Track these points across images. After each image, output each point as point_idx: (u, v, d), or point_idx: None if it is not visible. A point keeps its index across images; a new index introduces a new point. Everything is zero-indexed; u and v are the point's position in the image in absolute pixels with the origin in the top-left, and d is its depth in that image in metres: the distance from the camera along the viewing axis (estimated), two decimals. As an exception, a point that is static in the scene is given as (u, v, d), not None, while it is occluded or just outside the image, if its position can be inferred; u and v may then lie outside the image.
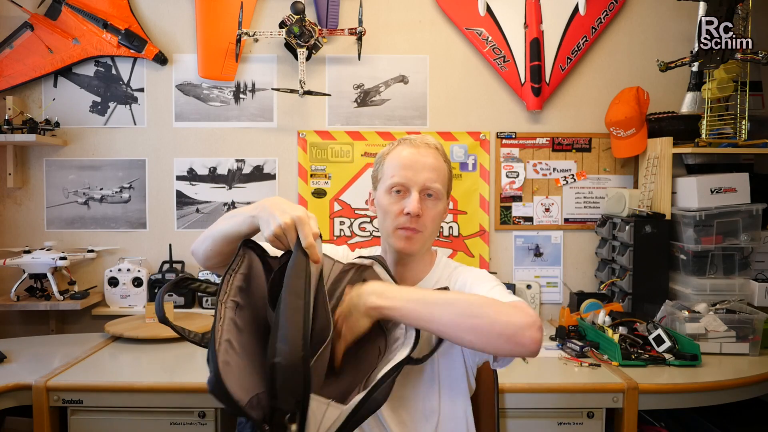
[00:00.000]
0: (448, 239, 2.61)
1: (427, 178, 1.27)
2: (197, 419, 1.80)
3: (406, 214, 1.25)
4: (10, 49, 2.49)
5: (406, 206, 1.25)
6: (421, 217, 1.26)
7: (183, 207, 2.60)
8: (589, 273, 2.65)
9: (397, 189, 1.28)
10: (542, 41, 2.54)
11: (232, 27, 2.46)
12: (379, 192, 1.32)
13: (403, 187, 1.27)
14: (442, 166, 1.31)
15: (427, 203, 1.27)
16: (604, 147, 2.63)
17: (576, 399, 1.80)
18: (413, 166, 1.27)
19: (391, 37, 2.60)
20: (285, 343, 0.89)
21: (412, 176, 1.26)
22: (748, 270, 2.29)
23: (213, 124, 2.59)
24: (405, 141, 1.33)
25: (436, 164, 1.29)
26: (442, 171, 1.30)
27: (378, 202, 1.33)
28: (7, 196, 2.57)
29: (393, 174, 1.28)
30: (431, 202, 1.28)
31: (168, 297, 2.49)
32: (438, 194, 1.28)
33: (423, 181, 1.26)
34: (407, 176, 1.27)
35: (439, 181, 1.28)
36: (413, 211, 1.24)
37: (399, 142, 1.34)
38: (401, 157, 1.29)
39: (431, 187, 1.27)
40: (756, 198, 2.27)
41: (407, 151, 1.29)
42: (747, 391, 1.91)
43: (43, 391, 1.76)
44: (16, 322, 2.55)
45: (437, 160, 1.30)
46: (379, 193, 1.32)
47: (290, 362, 0.88)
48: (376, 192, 1.34)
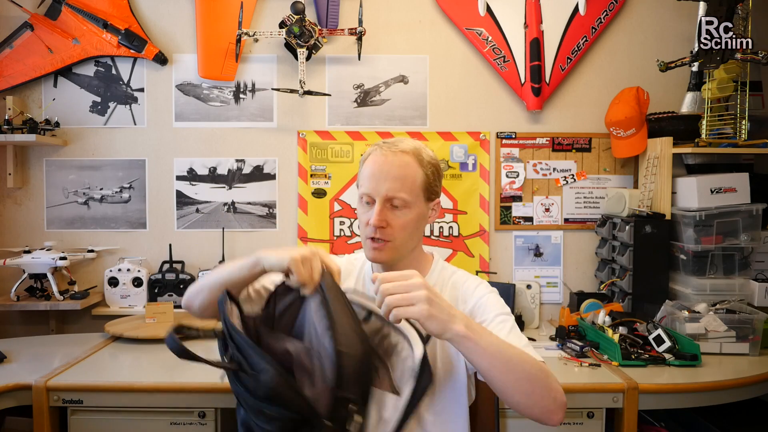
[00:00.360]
0: (448, 239, 2.61)
1: (389, 189, 1.24)
2: (197, 419, 1.80)
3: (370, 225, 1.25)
4: (10, 49, 2.49)
5: (370, 217, 1.25)
6: (387, 227, 1.25)
7: (183, 207, 2.60)
8: (589, 273, 2.65)
9: (366, 199, 1.28)
10: (542, 41, 2.54)
11: (232, 27, 2.46)
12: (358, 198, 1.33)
13: (369, 197, 1.27)
14: (413, 173, 1.26)
15: (394, 213, 1.26)
16: (604, 147, 2.63)
17: (576, 399, 1.80)
18: (378, 175, 1.25)
19: (391, 37, 2.60)
20: (345, 335, 0.92)
21: (375, 186, 1.25)
22: (748, 270, 2.29)
23: (213, 124, 2.59)
24: (377, 147, 1.30)
25: (403, 172, 1.25)
26: (410, 178, 1.26)
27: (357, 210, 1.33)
28: (7, 196, 2.57)
29: (362, 183, 1.29)
30: (399, 211, 1.26)
31: (168, 297, 2.49)
32: (404, 203, 1.26)
33: (385, 191, 1.24)
34: (371, 187, 1.26)
35: (405, 190, 1.25)
36: (374, 223, 1.24)
37: (374, 147, 1.31)
38: (370, 165, 1.27)
39: (395, 197, 1.25)
40: (756, 198, 2.27)
41: (375, 160, 1.27)
42: (747, 391, 1.91)
43: (43, 391, 1.76)
44: (16, 322, 2.55)
45: (407, 167, 1.26)
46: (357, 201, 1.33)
47: (356, 351, 0.90)
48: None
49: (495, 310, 1.28)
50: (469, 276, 1.39)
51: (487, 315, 1.27)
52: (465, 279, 1.37)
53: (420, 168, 1.28)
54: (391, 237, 1.26)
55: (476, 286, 1.35)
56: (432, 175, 1.30)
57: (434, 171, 1.31)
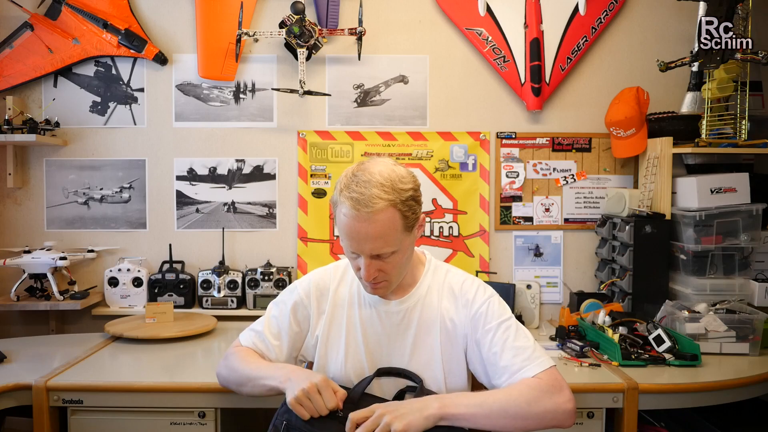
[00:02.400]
0: (448, 239, 2.61)
1: (372, 248, 1.23)
2: (197, 419, 1.80)
3: (364, 279, 1.29)
4: (10, 49, 2.49)
5: (360, 266, 1.27)
6: (380, 273, 1.27)
7: (183, 207, 2.60)
8: (589, 273, 2.65)
9: (352, 249, 1.27)
10: (542, 41, 2.54)
11: (232, 27, 2.46)
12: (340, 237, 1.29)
13: (354, 252, 1.27)
14: (391, 225, 1.21)
15: (383, 260, 1.26)
16: (604, 147, 2.63)
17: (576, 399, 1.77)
18: (356, 237, 1.22)
19: (391, 37, 2.60)
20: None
21: (358, 246, 1.24)
22: (748, 270, 2.29)
23: (213, 124, 2.59)
24: (345, 200, 1.21)
25: (381, 231, 1.20)
26: (390, 232, 1.21)
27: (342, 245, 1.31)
28: (7, 196, 2.57)
29: (342, 236, 1.26)
30: (387, 258, 1.25)
31: (168, 297, 2.49)
32: (389, 254, 1.25)
33: (369, 251, 1.23)
34: (354, 246, 1.25)
35: (389, 245, 1.23)
36: (366, 279, 1.27)
37: (346, 199, 1.21)
38: (347, 226, 1.22)
39: (381, 254, 1.24)
40: (756, 198, 2.26)
41: (352, 225, 1.21)
42: (747, 391, 1.91)
43: (43, 391, 1.76)
44: (16, 322, 2.55)
45: (383, 224, 1.20)
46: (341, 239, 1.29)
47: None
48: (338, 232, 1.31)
49: (497, 318, 1.30)
50: (465, 277, 1.40)
51: (490, 324, 1.29)
52: (461, 281, 1.38)
53: (398, 213, 1.22)
54: (386, 278, 1.29)
55: (475, 291, 1.35)
56: (410, 209, 1.24)
57: (412, 200, 1.25)
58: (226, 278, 2.48)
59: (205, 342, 2.22)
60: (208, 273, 2.49)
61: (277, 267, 2.51)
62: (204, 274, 2.49)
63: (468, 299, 1.34)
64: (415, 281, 1.38)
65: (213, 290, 2.48)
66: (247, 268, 2.52)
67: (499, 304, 1.33)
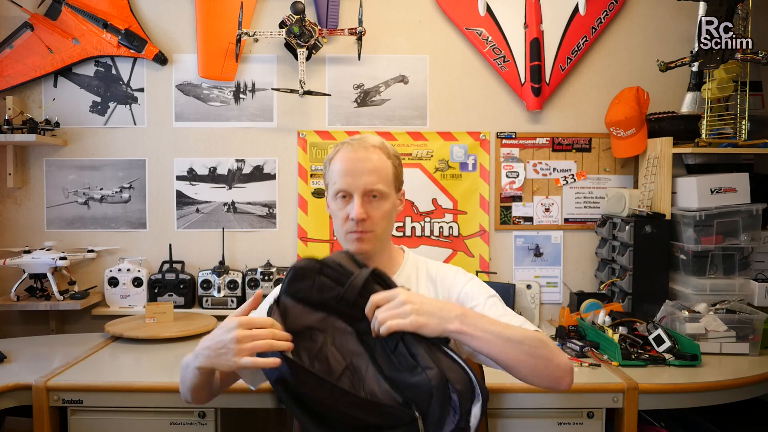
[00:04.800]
0: (448, 239, 2.61)
1: (367, 182, 1.29)
2: (197, 419, 1.80)
3: (352, 219, 1.28)
4: (10, 49, 2.49)
5: (350, 212, 1.29)
6: (368, 219, 1.29)
7: (183, 207, 2.60)
8: (589, 273, 2.65)
9: (342, 194, 1.31)
10: (542, 41, 2.54)
11: (232, 27, 2.46)
12: (329, 197, 1.36)
13: (346, 192, 1.30)
14: (385, 165, 1.33)
15: (372, 204, 1.30)
16: (604, 147, 2.63)
17: (576, 399, 1.80)
18: (353, 171, 1.29)
19: (391, 37, 2.60)
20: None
21: (352, 182, 1.29)
22: (748, 270, 2.29)
23: (213, 124, 2.59)
24: (345, 145, 1.34)
25: (376, 165, 1.31)
26: (384, 170, 1.32)
27: (329, 208, 1.37)
28: (7, 196, 2.57)
29: (335, 180, 1.32)
30: (377, 202, 1.31)
31: (168, 297, 2.49)
32: (381, 194, 1.31)
33: (363, 185, 1.29)
34: (348, 182, 1.29)
35: (382, 182, 1.31)
36: (357, 217, 1.28)
37: (340, 146, 1.36)
38: (341, 162, 1.32)
39: (374, 189, 1.30)
40: (756, 198, 2.26)
41: (346, 157, 1.32)
42: (747, 391, 1.91)
43: (43, 391, 1.76)
44: (16, 322, 2.55)
45: (379, 160, 1.32)
46: (329, 199, 1.37)
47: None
48: (327, 197, 1.38)
49: (482, 295, 1.30)
50: (441, 266, 1.42)
51: (477, 300, 1.29)
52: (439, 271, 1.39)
53: (388, 160, 1.34)
54: (373, 227, 1.30)
55: (454, 276, 1.37)
56: (398, 167, 1.37)
57: (399, 163, 1.38)
58: (226, 278, 2.48)
59: (205, 342, 2.21)
60: (208, 273, 2.49)
61: (277, 267, 2.51)
62: (204, 274, 2.49)
63: (449, 286, 1.35)
64: (393, 271, 1.38)
65: (213, 290, 2.48)
66: (247, 268, 2.52)
67: (481, 285, 1.34)
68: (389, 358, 1.09)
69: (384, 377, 1.07)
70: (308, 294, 1.12)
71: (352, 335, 1.12)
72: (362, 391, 1.05)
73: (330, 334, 1.11)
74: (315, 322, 1.12)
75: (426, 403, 1.01)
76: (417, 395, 1.02)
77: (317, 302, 1.13)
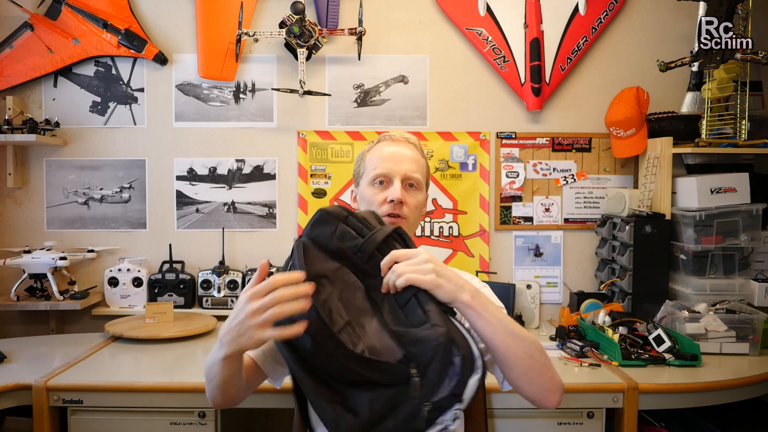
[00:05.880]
0: (448, 239, 2.61)
1: (408, 168, 1.36)
2: (197, 419, 1.80)
3: (390, 201, 1.32)
4: (10, 49, 2.49)
5: (390, 194, 1.33)
6: (404, 204, 1.33)
7: (183, 207, 2.60)
8: (589, 273, 2.65)
9: (380, 180, 1.36)
10: (542, 41, 2.54)
11: (232, 27, 2.46)
12: (362, 186, 1.40)
13: (385, 177, 1.35)
14: (421, 160, 1.41)
15: (409, 192, 1.36)
16: (604, 147, 2.63)
17: (576, 399, 1.80)
18: (394, 158, 1.37)
19: (391, 37, 2.60)
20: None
21: (393, 167, 1.35)
22: (748, 270, 2.29)
23: (213, 124, 2.59)
24: (385, 137, 1.43)
25: (415, 157, 1.39)
26: (421, 163, 1.41)
27: (362, 196, 1.40)
28: (7, 196, 2.57)
29: (375, 167, 1.37)
30: (413, 191, 1.37)
31: (168, 297, 2.49)
32: (418, 184, 1.38)
33: (404, 170, 1.35)
34: (389, 167, 1.36)
35: (419, 172, 1.38)
36: (396, 198, 1.32)
37: (380, 139, 1.44)
38: (383, 151, 1.39)
39: (412, 177, 1.36)
40: (756, 198, 2.26)
41: (388, 146, 1.40)
42: (747, 391, 1.91)
43: (43, 391, 1.76)
44: (16, 322, 2.55)
45: (416, 154, 1.40)
46: (362, 188, 1.40)
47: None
48: (359, 188, 1.42)
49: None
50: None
51: None
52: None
53: (423, 159, 1.43)
54: (407, 215, 1.35)
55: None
56: (428, 167, 1.47)
57: (428, 164, 1.47)
58: (226, 278, 2.48)
59: (205, 342, 2.22)
60: (208, 273, 2.49)
61: (277, 267, 2.51)
62: (204, 274, 2.49)
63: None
64: None
65: (213, 290, 2.48)
66: (247, 268, 2.52)
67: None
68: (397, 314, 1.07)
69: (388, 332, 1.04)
70: (327, 241, 1.11)
71: (361, 290, 1.10)
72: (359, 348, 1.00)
73: (338, 287, 1.08)
74: (328, 271, 1.08)
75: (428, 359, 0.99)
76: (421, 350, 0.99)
77: (334, 250, 1.11)
